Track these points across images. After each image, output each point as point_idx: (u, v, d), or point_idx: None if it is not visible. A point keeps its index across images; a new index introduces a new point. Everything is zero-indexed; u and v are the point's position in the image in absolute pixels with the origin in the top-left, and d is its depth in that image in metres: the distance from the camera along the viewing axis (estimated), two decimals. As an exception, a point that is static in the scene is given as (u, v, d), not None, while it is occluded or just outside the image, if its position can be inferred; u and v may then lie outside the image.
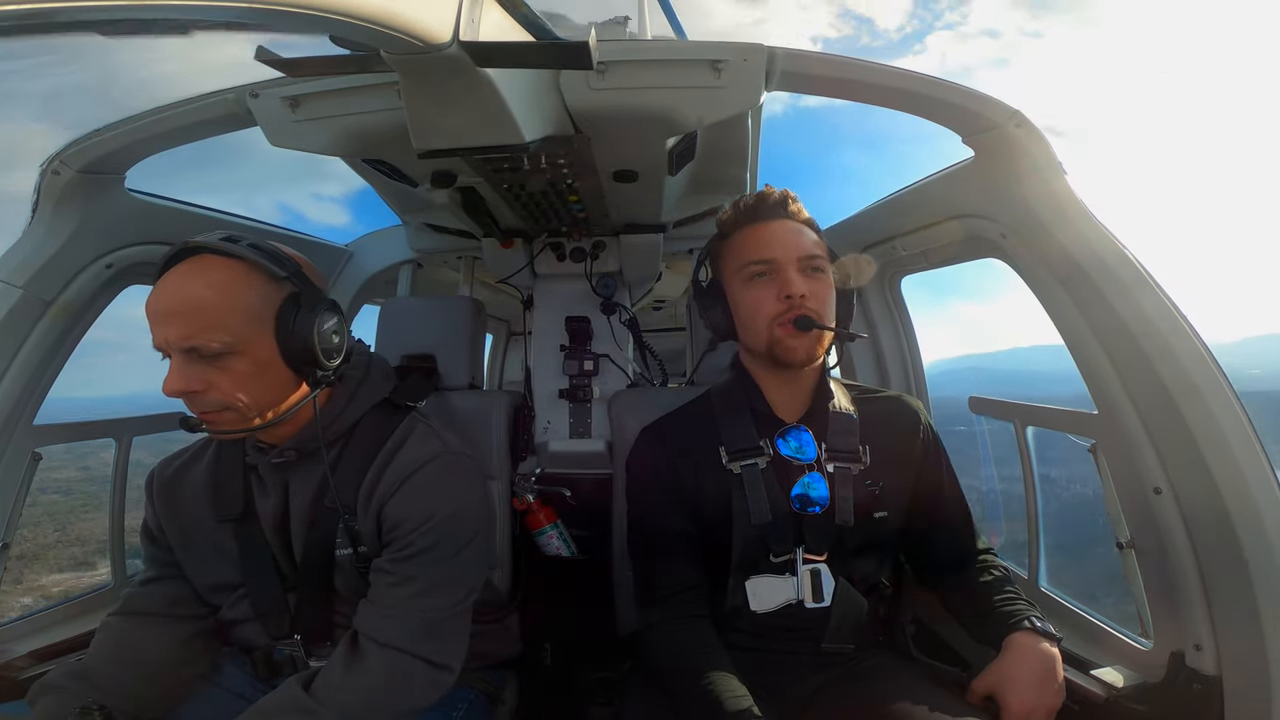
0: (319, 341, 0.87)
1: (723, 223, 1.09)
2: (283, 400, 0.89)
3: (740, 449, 1.02)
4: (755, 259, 1.00)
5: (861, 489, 1.00)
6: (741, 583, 0.99)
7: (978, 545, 1.07)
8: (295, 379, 0.90)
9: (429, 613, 0.89)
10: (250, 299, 0.84)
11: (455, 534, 0.93)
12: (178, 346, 0.81)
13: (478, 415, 1.40)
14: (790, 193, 1.05)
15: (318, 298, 0.90)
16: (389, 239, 1.98)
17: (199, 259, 0.85)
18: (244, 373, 0.84)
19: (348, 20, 0.53)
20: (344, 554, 0.94)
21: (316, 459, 0.95)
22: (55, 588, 2.14)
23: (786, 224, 1.02)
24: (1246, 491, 0.84)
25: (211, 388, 0.82)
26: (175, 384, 0.81)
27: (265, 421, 0.88)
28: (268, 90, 1.05)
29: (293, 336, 0.86)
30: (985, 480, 1.67)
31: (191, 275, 0.83)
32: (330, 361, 0.91)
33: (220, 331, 0.81)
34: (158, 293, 0.83)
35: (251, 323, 0.84)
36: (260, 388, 0.86)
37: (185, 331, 0.80)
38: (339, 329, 0.92)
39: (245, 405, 0.85)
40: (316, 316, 0.88)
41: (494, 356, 3.89)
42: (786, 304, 0.97)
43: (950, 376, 2.23)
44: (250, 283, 0.85)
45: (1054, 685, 0.86)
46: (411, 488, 0.92)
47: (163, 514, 1.00)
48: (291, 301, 0.87)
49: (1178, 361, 0.89)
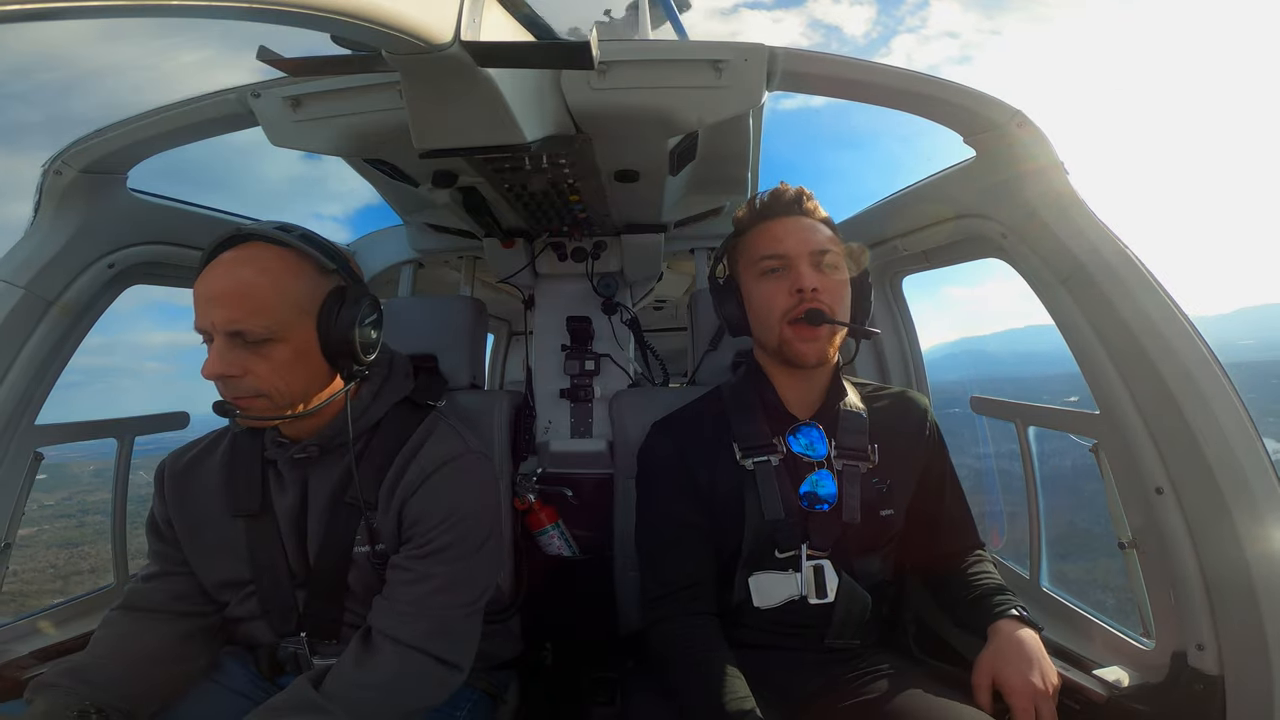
0: (359, 336, 0.89)
1: (738, 220, 1.10)
2: (314, 392, 0.91)
3: (753, 445, 1.02)
4: (768, 254, 1.01)
5: (869, 487, 1.01)
6: (745, 578, 0.99)
7: (977, 540, 1.10)
8: (329, 372, 0.91)
9: (444, 610, 0.90)
10: (298, 288, 0.86)
11: (473, 532, 0.93)
12: (223, 329, 0.82)
13: (479, 415, 1.40)
14: (805, 189, 1.05)
15: (362, 293, 0.91)
16: (390, 239, 1.98)
17: (251, 246, 0.86)
18: (282, 361, 0.85)
19: (349, 20, 0.53)
20: (361, 551, 0.94)
21: (337, 455, 0.95)
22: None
23: (800, 220, 1.03)
24: (1248, 490, 0.84)
25: (249, 373, 0.84)
26: (215, 367, 0.82)
27: (295, 412, 0.89)
28: (269, 90, 1.05)
29: (335, 329, 0.87)
30: (983, 460, 1.68)
31: (243, 261, 0.85)
32: (367, 356, 0.92)
33: (266, 317, 0.83)
34: (208, 276, 0.85)
35: (296, 311, 0.85)
36: (296, 377, 0.87)
37: (232, 315, 0.82)
38: (378, 325, 0.94)
39: (279, 393, 0.86)
40: (359, 311, 0.89)
41: (495, 356, 3.89)
42: (798, 298, 0.97)
43: (951, 360, 2.22)
44: (299, 272, 0.87)
45: (1044, 663, 0.88)
46: (433, 485, 0.93)
47: (172, 507, 0.99)
48: (337, 294, 0.89)
49: (1179, 361, 0.89)
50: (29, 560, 10.57)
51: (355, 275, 0.93)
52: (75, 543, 4.49)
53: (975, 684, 0.89)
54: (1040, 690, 0.85)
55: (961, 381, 1.45)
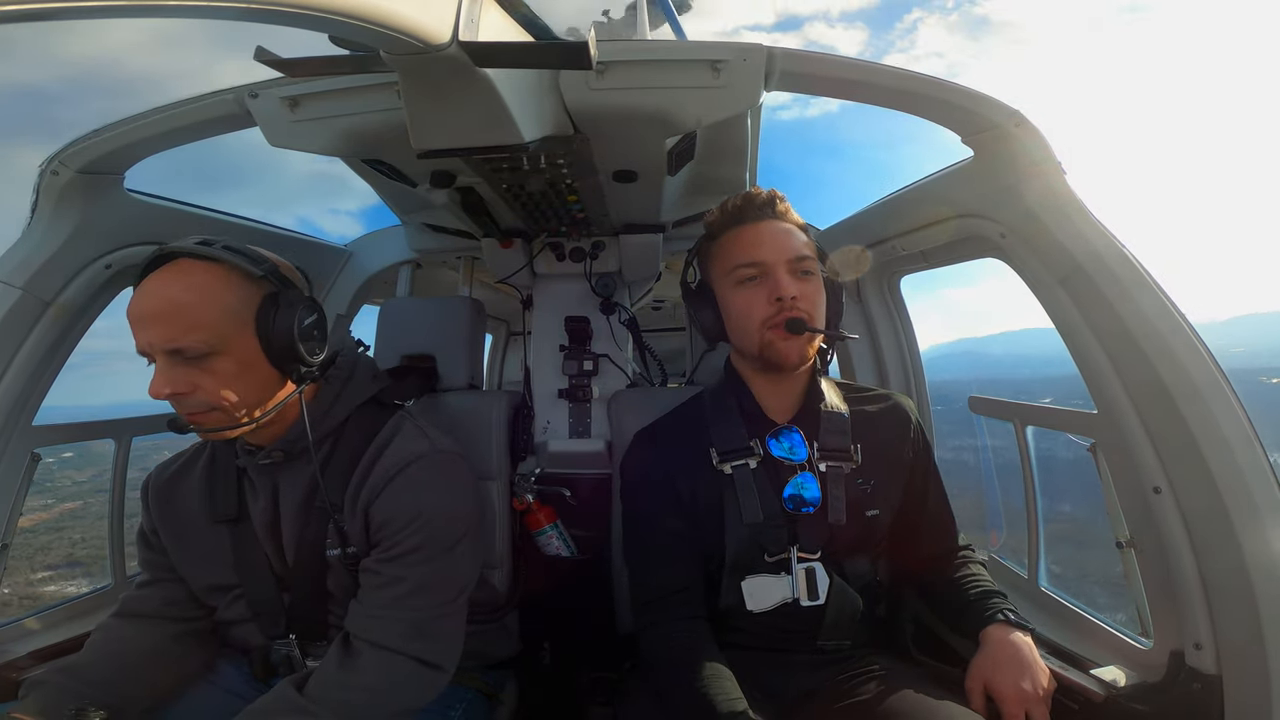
0: (300, 337, 0.88)
1: (710, 224, 1.08)
2: (269, 399, 0.90)
3: (730, 450, 1.02)
4: (745, 261, 0.99)
5: (854, 488, 1.01)
6: (737, 583, 0.99)
7: (958, 542, 1.10)
8: (280, 378, 0.91)
9: (418, 612, 0.89)
10: (229, 299, 0.85)
11: (443, 533, 0.92)
12: (161, 349, 0.82)
13: (477, 415, 1.40)
14: (778, 193, 1.04)
15: (296, 296, 0.90)
16: (388, 239, 1.98)
17: (176, 264, 0.86)
18: (228, 372, 0.85)
19: (347, 20, 0.53)
20: (334, 554, 0.94)
21: (304, 460, 0.95)
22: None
23: (775, 225, 1.02)
24: (1246, 490, 0.84)
25: (197, 389, 0.83)
26: (161, 386, 0.82)
27: (252, 419, 0.88)
28: (267, 90, 1.05)
29: (274, 334, 0.87)
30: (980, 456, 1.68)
31: (170, 279, 0.84)
32: (313, 357, 0.91)
33: (202, 332, 0.82)
34: (138, 298, 0.84)
35: (232, 322, 0.85)
36: (245, 387, 0.87)
37: (168, 334, 0.81)
38: (319, 325, 0.93)
39: (231, 405, 0.86)
40: (296, 313, 0.88)
41: (493, 356, 3.89)
42: (777, 306, 0.97)
43: (949, 360, 2.22)
44: (228, 283, 0.86)
45: (1037, 668, 0.88)
46: (397, 487, 0.92)
47: (158, 518, 1.01)
48: (270, 300, 0.88)
49: (1178, 361, 0.89)
50: (90, 529, 10.41)
51: (287, 279, 0.91)
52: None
53: (968, 689, 0.89)
54: (1031, 695, 0.85)
55: (958, 381, 1.45)
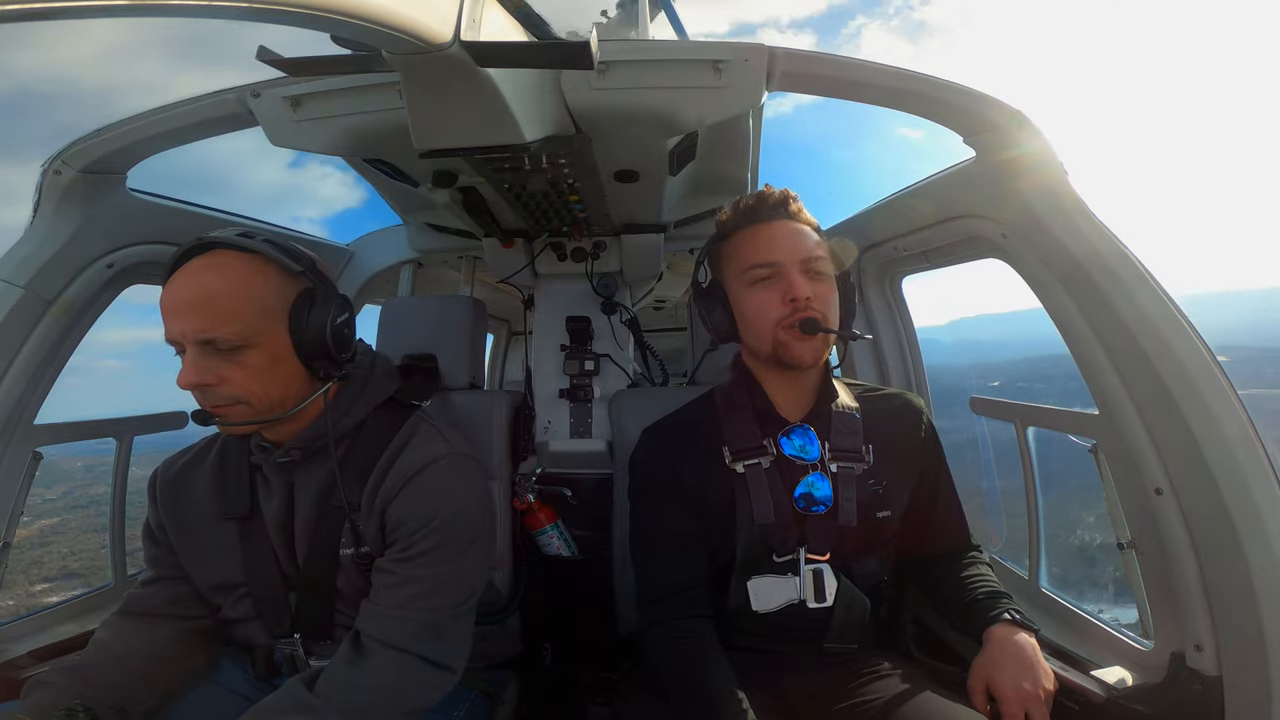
0: (332, 336, 0.89)
1: (722, 223, 1.08)
2: (293, 395, 0.90)
3: (743, 448, 1.02)
4: (758, 262, 0.99)
5: (865, 489, 1.00)
6: (744, 583, 0.98)
7: (970, 541, 1.09)
8: (306, 375, 0.91)
9: (431, 613, 0.89)
10: (265, 293, 0.85)
11: (458, 535, 0.93)
12: (193, 339, 0.82)
13: (478, 415, 1.40)
14: (790, 192, 1.04)
15: (331, 293, 0.91)
16: (390, 239, 1.98)
17: (214, 254, 0.86)
18: (257, 366, 0.85)
19: (349, 20, 0.53)
20: (347, 554, 0.94)
21: (321, 459, 0.95)
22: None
23: (788, 225, 1.02)
24: (1247, 492, 0.84)
25: (225, 381, 0.83)
26: (190, 376, 0.82)
27: (275, 415, 0.88)
28: (269, 90, 1.05)
29: (307, 330, 0.87)
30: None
31: (207, 269, 0.84)
32: (342, 355, 0.92)
33: (236, 324, 0.82)
34: (173, 286, 0.84)
35: (266, 316, 0.85)
36: (272, 381, 0.87)
37: (201, 324, 0.81)
38: (350, 324, 0.94)
39: (258, 398, 0.86)
40: (330, 311, 0.89)
41: (494, 356, 3.89)
42: (791, 307, 0.96)
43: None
44: (265, 277, 0.86)
45: (1039, 668, 0.87)
46: (415, 488, 0.92)
47: (165, 514, 1.00)
48: (306, 296, 0.88)
49: (1178, 361, 0.89)
50: (77, 542, 10.31)
51: (323, 276, 0.92)
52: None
53: (970, 689, 0.89)
54: (1032, 695, 0.84)
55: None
